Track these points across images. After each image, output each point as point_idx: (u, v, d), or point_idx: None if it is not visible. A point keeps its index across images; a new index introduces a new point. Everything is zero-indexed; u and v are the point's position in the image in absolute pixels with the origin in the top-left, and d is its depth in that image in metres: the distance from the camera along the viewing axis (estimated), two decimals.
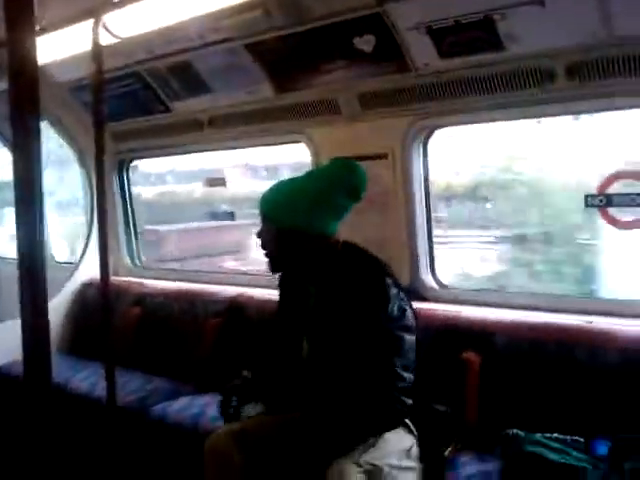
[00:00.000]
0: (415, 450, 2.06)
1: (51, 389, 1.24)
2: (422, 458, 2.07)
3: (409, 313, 2.08)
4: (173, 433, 2.77)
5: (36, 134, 1.14)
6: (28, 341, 1.20)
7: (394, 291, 2.08)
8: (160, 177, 4.35)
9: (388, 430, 1.98)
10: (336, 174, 2.18)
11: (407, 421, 2.09)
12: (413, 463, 2.03)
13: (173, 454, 2.75)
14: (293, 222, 2.15)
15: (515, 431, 2.29)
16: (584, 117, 2.86)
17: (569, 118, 2.86)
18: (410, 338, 2.04)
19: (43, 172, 1.17)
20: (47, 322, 1.21)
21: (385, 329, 2.01)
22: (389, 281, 2.09)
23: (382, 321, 2.02)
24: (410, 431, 2.09)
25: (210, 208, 4.86)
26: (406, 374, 1.99)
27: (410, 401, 1.98)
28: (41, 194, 1.17)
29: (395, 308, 2.04)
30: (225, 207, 4.47)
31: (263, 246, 2.25)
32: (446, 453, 2.14)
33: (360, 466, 1.88)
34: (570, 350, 2.36)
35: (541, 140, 3.06)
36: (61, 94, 3.87)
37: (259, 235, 2.26)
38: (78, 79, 3.64)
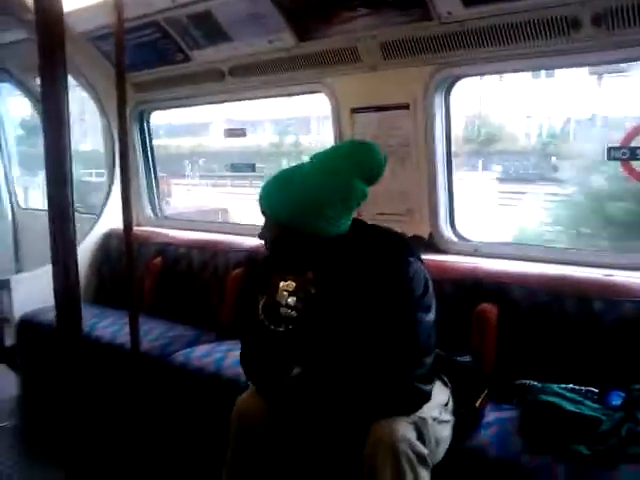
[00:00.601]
0: (451, 403, 2.06)
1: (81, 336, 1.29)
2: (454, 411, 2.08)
3: (430, 287, 1.96)
4: (195, 379, 2.83)
5: (64, 83, 1.16)
6: (60, 289, 1.24)
7: (418, 268, 1.94)
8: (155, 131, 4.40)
9: (407, 415, 1.87)
10: (355, 161, 1.93)
11: (442, 376, 2.09)
12: (449, 416, 2.04)
13: (195, 399, 2.82)
14: (309, 228, 1.91)
15: (531, 382, 2.34)
16: None
17: None
18: (430, 318, 1.93)
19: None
20: (77, 271, 1.25)
21: (407, 315, 1.89)
22: (411, 259, 1.94)
23: (404, 306, 1.89)
24: (446, 384, 2.09)
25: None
26: (426, 359, 1.90)
27: (430, 387, 1.92)
28: (69, 143, 1.19)
29: (420, 288, 1.92)
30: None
31: (266, 243, 2.02)
32: (477, 404, 2.16)
33: (409, 416, 1.86)
34: (587, 303, 2.37)
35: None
36: (81, 44, 3.85)
37: (262, 237, 2.00)
38: (97, 28, 3.62)
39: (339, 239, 1.94)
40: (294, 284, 1.87)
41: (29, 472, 2.97)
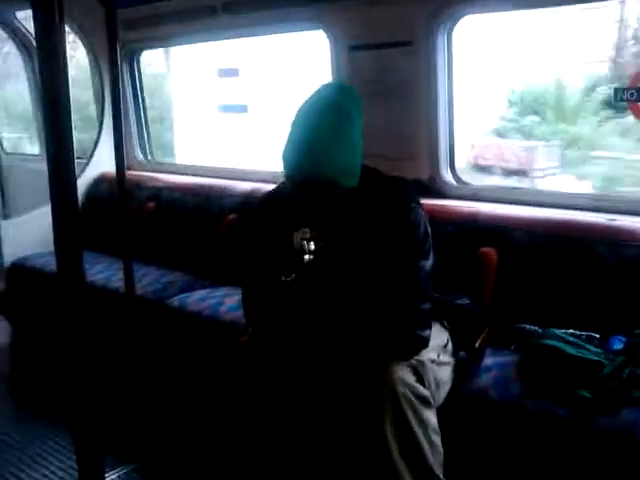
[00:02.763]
0: (450, 345, 2.05)
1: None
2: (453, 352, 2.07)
3: (429, 233, 1.96)
4: (192, 322, 2.80)
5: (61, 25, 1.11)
6: (60, 234, 1.20)
7: (419, 214, 1.93)
8: None
9: (405, 360, 1.86)
10: (354, 102, 1.91)
11: (441, 319, 2.07)
12: (449, 358, 2.03)
13: (192, 343, 2.80)
14: (348, 181, 1.89)
15: (531, 326, 2.33)
16: None
17: None
18: (428, 264, 1.92)
19: None
20: (78, 215, 1.21)
21: (407, 262, 1.89)
22: (413, 205, 1.94)
23: (405, 253, 1.89)
24: (444, 327, 2.08)
25: None
26: (424, 305, 1.90)
27: (428, 332, 1.90)
28: (67, 93, 1.15)
29: (420, 234, 1.92)
30: None
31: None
32: (477, 344, 2.14)
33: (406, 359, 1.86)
34: (590, 246, 2.34)
35: None
36: None
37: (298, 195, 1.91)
38: None
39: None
40: (308, 231, 1.91)
41: (24, 426, 2.90)
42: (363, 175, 1.94)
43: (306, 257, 1.88)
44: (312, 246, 1.90)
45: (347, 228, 1.96)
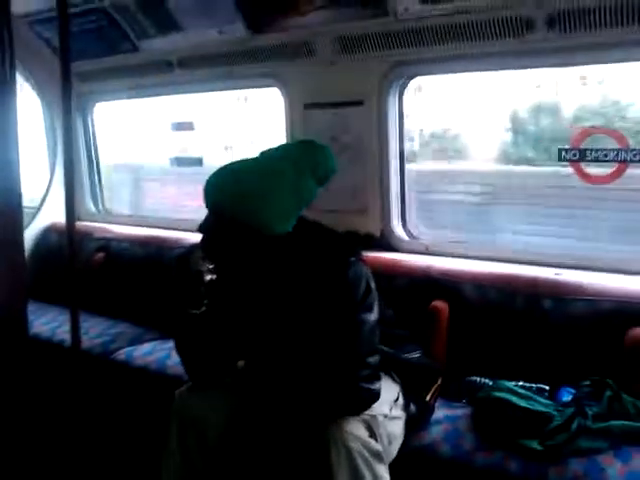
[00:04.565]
0: (401, 399, 2.03)
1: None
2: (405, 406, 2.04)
3: (372, 287, 1.92)
4: (138, 377, 2.73)
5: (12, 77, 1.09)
6: (5, 290, 1.16)
7: (358, 269, 1.89)
8: None
9: (356, 415, 1.83)
10: (306, 161, 1.89)
11: (391, 372, 2.06)
12: (400, 412, 2.01)
13: (138, 398, 2.72)
14: (255, 222, 1.81)
15: (481, 379, 2.34)
16: None
17: None
18: (372, 318, 1.88)
19: None
20: (25, 271, 1.16)
21: (348, 317, 1.85)
22: (352, 259, 1.90)
23: (345, 309, 1.85)
24: (395, 380, 2.06)
25: None
26: (370, 359, 1.87)
27: (377, 385, 1.88)
28: (16, 143, 1.12)
29: (361, 289, 1.87)
30: None
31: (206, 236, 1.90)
32: (427, 398, 2.14)
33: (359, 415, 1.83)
34: (537, 301, 2.40)
35: None
36: (18, 28, 3.68)
37: (202, 229, 1.88)
38: (37, 12, 3.47)
39: (281, 236, 1.86)
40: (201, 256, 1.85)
41: None
42: (300, 226, 1.90)
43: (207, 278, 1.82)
44: (207, 276, 1.83)
45: (279, 277, 1.92)
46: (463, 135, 3.48)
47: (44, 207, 4.16)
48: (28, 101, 4.14)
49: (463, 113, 3.23)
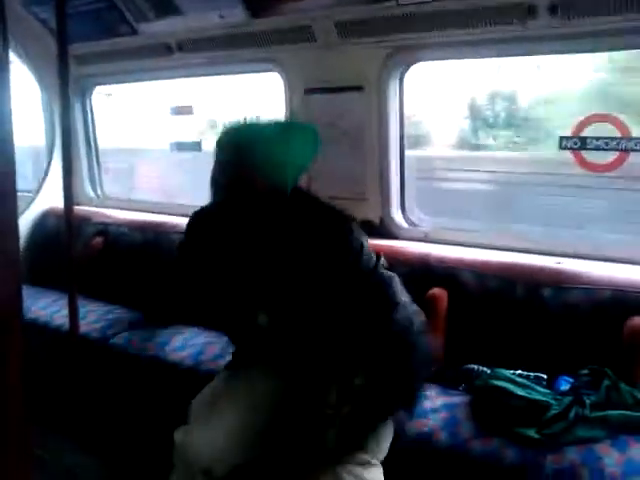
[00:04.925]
0: None
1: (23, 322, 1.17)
2: None
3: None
4: (136, 362, 2.72)
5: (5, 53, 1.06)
6: None
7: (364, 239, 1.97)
8: None
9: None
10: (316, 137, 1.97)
11: None
12: None
13: (137, 383, 2.71)
14: (285, 178, 1.86)
15: (479, 367, 2.34)
16: None
17: None
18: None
19: None
20: (18, 259, 1.13)
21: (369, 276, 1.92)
22: (354, 226, 1.97)
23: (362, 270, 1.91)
24: None
25: None
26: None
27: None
28: (10, 124, 1.09)
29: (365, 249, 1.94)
30: None
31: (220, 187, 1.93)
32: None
33: None
34: (537, 289, 2.39)
35: None
36: (14, 9, 3.65)
37: (226, 186, 1.90)
38: None
39: (288, 195, 1.90)
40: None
41: None
42: (296, 194, 1.93)
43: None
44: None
45: (285, 239, 1.92)
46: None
47: (42, 191, 4.14)
48: (25, 83, 4.11)
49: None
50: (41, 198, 4.14)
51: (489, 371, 2.25)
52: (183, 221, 3.47)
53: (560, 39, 2.45)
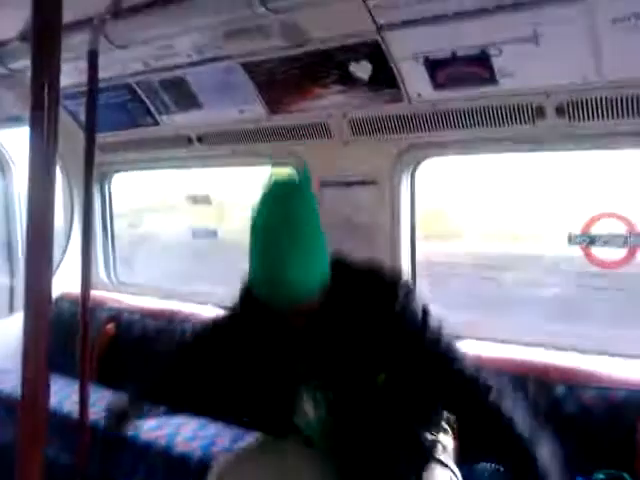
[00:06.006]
0: None
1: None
2: None
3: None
4: (144, 453, 2.68)
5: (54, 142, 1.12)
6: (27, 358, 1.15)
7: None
8: None
9: None
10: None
11: None
12: None
13: (144, 475, 2.67)
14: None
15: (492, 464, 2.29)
16: None
17: None
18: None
19: None
20: (47, 344, 1.16)
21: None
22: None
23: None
24: None
25: None
26: None
27: None
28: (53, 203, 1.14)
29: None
30: None
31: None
32: None
33: None
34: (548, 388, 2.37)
35: None
36: None
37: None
38: (66, 87, 3.60)
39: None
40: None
41: None
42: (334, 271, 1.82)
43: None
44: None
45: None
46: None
47: (56, 276, 4.19)
48: None
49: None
50: (56, 282, 4.17)
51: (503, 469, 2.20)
52: (196, 308, 3.54)
53: (566, 138, 2.54)
